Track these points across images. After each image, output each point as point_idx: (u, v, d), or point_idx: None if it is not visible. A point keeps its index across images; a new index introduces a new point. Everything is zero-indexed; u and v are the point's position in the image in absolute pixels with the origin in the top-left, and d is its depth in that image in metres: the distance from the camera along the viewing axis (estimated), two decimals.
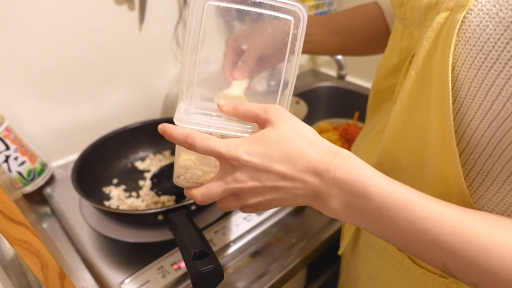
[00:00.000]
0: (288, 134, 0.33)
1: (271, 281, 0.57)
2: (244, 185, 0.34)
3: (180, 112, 0.38)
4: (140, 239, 0.61)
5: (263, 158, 0.33)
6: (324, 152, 0.32)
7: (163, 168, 0.76)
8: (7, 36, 0.68)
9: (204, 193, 0.37)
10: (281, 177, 0.33)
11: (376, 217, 0.31)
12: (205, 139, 0.35)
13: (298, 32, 0.38)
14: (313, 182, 0.32)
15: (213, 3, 0.37)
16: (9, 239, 0.34)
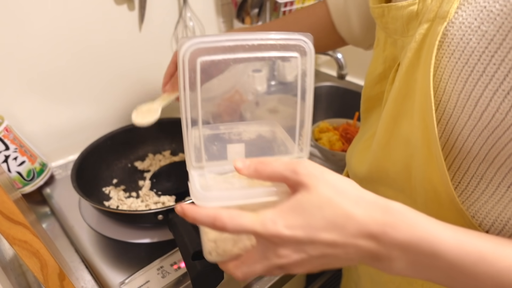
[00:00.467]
0: (328, 196, 0.29)
1: (271, 281, 0.57)
2: (289, 259, 0.30)
3: (196, 188, 0.33)
4: (140, 239, 0.60)
5: (306, 229, 0.29)
6: (373, 210, 0.28)
7: (162, 168, 0.76)
8: (7, 36, 0.68)
9: (245, 272, 0.34)
10: (330, 245, 0.29)
11: (449, 273, 0.28)
12: (235, 218, 0.30)
13: (307, 67, 0.34)
14: (369, 245, 0.29)
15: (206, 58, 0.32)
16: (8, 239, 0.34)
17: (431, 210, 0.36)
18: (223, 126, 0.38)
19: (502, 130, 0.29)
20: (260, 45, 0.33)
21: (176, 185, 0.72)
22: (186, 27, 0.92)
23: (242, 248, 0.35)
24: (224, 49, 0.32)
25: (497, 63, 0.28)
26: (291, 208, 0.29)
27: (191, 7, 0.90)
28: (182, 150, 0.82)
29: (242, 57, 0.33)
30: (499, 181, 0.32)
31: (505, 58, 0.27)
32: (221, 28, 1.01)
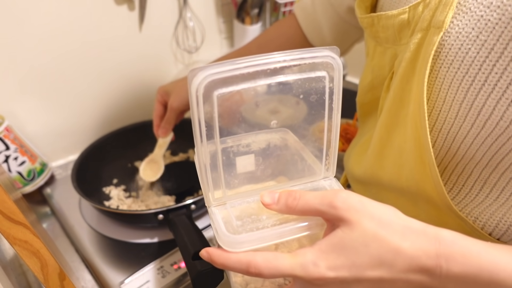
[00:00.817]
0: (372, 231, 0.27)
1: None
2: None
3: (223, 231, 0.30)
4: (140, 239, 0.61)
5: (351, 269, 0.27)
6: (423, 241, 0.26)
7: None
8: (7, 37, 0.68)
9: None
10: (378, 281, 0.27)
11: None
12: (272, 263, 0.28)
13: (334, 84, 0.31)
14: (421, 279, 0.27)
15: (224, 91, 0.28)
16: (9, 239, 0.34)
17: (433, 213, 0.36)
18: (230, 140, 0.34)
19: (506, 137, 0.29)
20: (284, 67, 0.29)
21: (176, 185, 0.72)
22: (186, 27, 0.92)
23: (273, 282, 0.33)
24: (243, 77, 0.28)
25: (499, 72, 0.27)
26: (333, 247, 0.27)
27: (191, 7, 0.90)
28: (182, 150, 0.82)
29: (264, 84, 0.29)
30: (503, 185, 0.32)
31: (507, 67, 0.27)
32: (221, 29, 1.01)
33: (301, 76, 0.30)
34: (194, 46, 0.95)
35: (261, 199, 0.31)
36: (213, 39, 1.02)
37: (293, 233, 0.30)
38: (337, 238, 0.27)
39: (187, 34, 0.93)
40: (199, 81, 0.27)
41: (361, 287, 0.28)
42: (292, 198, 0.30)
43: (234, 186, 0.35)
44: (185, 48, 0.95)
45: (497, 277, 0.25)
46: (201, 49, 0.97)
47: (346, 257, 0.27)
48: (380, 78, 0.42)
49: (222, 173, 0.32)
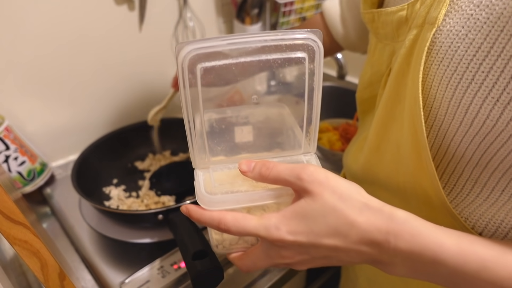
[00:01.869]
0: (331, 203, 0.29)
1: (271, 281, 0.57)
2: (292, 260, 0.32)
3: (201, 191, 0.34)
4: (140, 239, 0.61)
5: (309, 235, 0.30)
6: (378, 218, 0.29)
7: (162, 168, 0.76)
8: (7, 36, 0.68)
9: (248, 265, 0.35)
10: (333, 249, 0.30)
11: (451, 279, 0.29)
12: (239, 222, 0.31)
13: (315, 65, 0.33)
14: (371, 252, 0.29)
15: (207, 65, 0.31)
16: (9, 239, 0.34)
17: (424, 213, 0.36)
18: (230, 110, 0.38)
19: (493, 136, 0.29)
20: (264, 47, 0.31)
21: (176, 185, 0.72)
22: (186, 27, 0.92)
23: (247, 241, 0.37)
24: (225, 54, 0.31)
25: (485, 71, 0.28)
26: (295, 214, 0.30)
27: (191, 7, 0.90)
28: (182, 150, 0.82)
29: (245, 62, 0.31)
30: (493, 185, 0.32)
31: (493, 66, 0.27)
32: (221, 29, 1.01)
33: (281, 55, 0.32)
34: None
35: (239, 166, 0.34)
36: None
37: (262, 199, 0.33)
38: (300, 207, 0.30)
39: (187, 34, 0.93)
40: (185, 54, 0.30)
41: (317, 253, 0.30)
42: (265, 168, 0.32)
43: (224, 153, 0.38)
44: None
45: (440, 257, 0.27)
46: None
47: (305, 225, 0.30)
48: (378, 75, 0.43)
49: (205, 141, 0.36)
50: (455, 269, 0.28)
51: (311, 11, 1.11)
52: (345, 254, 0.30)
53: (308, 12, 1.10)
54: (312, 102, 0.35)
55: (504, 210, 0.32)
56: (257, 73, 0.34)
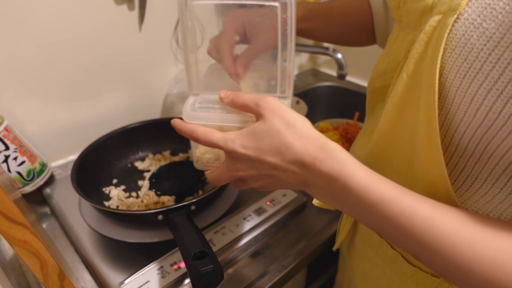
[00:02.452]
0: (277, 127, 0.35)
1: (271, 281, 0.57)
2: (245, 173, 0.38)
3: (186, 108, 0.42)
4: (140, 239, 0.60)
5: (255, 151, 0.36)
6: (311, 145, 0.34)
7: (162, 168, 0.76)
8: (6, 36, 0.68)
9: (214, 177, 0.42)
10: (273, 167, 0.36)
11: (356, 208, 0.33)
12: (207, 134, 0.39)
13: (287, 15, 0.38)
14: (301, 173, 0.35)
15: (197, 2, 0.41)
16: (8, 239, 0.34)
17: None
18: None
19: (495, 130, 0.29)
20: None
21: (175, 185, 0.72)
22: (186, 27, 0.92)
23: (220, 162, 0.44)
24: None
25: (493, 61, 0.28)
26: (249, 132, 0.37)
27: None
28: (182, 150, 0.82)
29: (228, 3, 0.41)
30: (493, 181, 0.32)
31: (501, 57, 0.27)
32: (221, 28, 1.01)
33: (254, 2, 0.40)
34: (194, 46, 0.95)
35: (219, 94, 0.42)
36: None
37: (230, 121, 0.41)
38: (254, 127, 0.37)
39: None
40: None
41: (263, 169, 0.36)
42: (236, 95, 0.40)
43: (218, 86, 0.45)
44: None
45: (348, 184, 0.32)
46: (201, 48, 0.97)
47: (255, 141, 0.36)
48: (394, 64, 0.43)
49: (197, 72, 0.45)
50: (359, 199, 0.32)
51: None
52: (283, 173, 0.36)
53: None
54: (286, 51, 0.41)
55: (502, 207, 0.32)
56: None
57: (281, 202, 0.68)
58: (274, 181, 0.38)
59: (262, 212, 0.66)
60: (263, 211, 0.66)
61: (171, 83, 0.93)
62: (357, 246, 0.53)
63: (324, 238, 0.64)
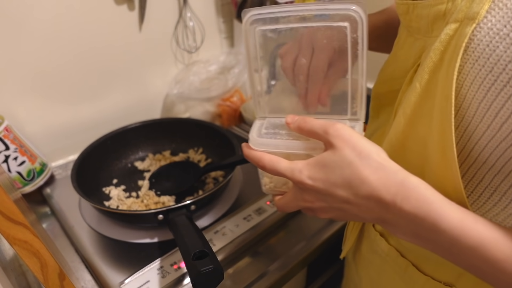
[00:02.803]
0: (349, 158, 0.32)
1: (271, 281, 0.57)
2: (313, 204, 0.37)
3: (253, 133, 0.42)
4: (140, 239, 0.60)
5: (325, 183, 0.34)
6: (389, 179, 0.31)
7: (161, 168, 0.76)
8: (6, 36, 0.68)
9: (281, 204, 0.41)
10: (345, 201, 0.33)
11: (449, 250, 0.30)
12: (273, 162, 0.38)
13: (358, 35, 0.37)
14: (378, 210, 0.32)
15: (262, 28, 0.39)
16: (8, 239, 0.34)
17: None
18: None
19: None
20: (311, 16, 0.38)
21: (175, 185, 0.72)
22: (186, 27, 0.92)
23: (288, 188, 0.42)
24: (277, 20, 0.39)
25: None
26: (317, 163, 0.34)
27: (191, 7, 0.90)
28: (182, 150, 0.82)
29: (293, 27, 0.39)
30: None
31: None
32: (221, 28, 1.01)
33: (325, 24, 0.38)
34: (194, 46, 0.95)
35: (285, 118, 0.40)
36: (213, 39, 1.02)
37: (297, 149, 0.39)
38: (323, 157, 0.34)
39: (187, 34, 0.93)
40: (246, 19, 0.38)
41: (333, 201, 0.34)
42: (303, 121, 0.38)
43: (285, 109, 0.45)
44: (185, 48, 0.94)
45: (440, 226, 0.29)
46: (201, 48, 0.97)
47: (324, 173, 0.34)
48: (403, 70, 0.41)
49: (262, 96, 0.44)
50: (454, 241, 0.29)
51: None
52: (356, 208, 0.33)
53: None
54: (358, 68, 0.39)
55: None
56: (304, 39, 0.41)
57: None
58: (345, 214, 0.35)
59: (262, 212, 0.66)
60: (263, 211, 0.66)
61: (171, 83, 0.93)
62: (364, 254, 0.52)
63: (324, 238, 0.64)
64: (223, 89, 0.90)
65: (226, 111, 0.92)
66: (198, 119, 0.83)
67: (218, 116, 0.93)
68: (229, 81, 0.90)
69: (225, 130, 0.76)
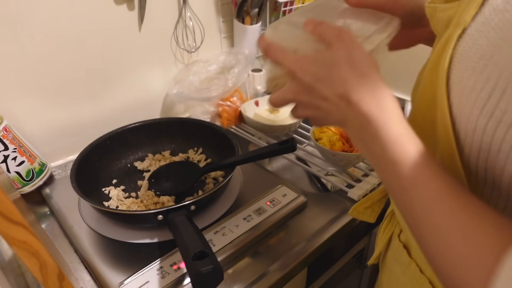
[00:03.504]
0: (340, 60, 0.34)
1: (271, 281, 0.57)
2: (297, 97, 0.38)
3: (271, 26, 0.44)
4: (139, 240, 0.60)
5: (312, 77, 0.35)
6: (365, 85, 0.33)
7: (161, 168, 0.76)
8: (6, 36, 0.68)
9: (274, 97, 0.42)
10: (323, 98, 0.35)
11: (378, 161, 0.33)
12: (278, 51, 0.39)
13: None
14: (344, 109, 0.34)
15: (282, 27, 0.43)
16: (7, 240, 0.34)
17: None
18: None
19: (494, 154, 0.28)
20: None
21: (175, 185, 0.72)
22: (186, 27, 0.92)
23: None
24: None
25: (483, 81, 0.27)
26: (313, 58, 0.36)
27: (191, 7, 0.89)
28: (182, 150, 0.82)
29: None
30: None
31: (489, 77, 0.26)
32: (221, 28, 1.01)
33: None
34: (194, 45, 0.95)
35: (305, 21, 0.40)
36: (213, 39, 1.01)
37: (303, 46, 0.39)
38: (319, 54, 0.36)
39: (186, 34, 0.93)
40: None
41: (312, 96, 0.36)
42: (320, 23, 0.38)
43: None
44: (185, 48, 0.94)
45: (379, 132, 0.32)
46: (201, 48, 0.97)
47: (314, 68, 0.36)
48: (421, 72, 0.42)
49: None
50: (383, 152, 0.32)
51: None
52: (330, 107, 0.35)
53: None
54: None
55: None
56: None
57: (281, 202, 0.68)
58: (319, 114, 0.38)
59: (262, 212, 0.66)
60: (263, 211, 0.66)
61: (170, 83, 0.93)
62: (388, 262, 0.52)
63: (324, 238, 0.64)
64: (223, 89, 0.90)
65: (226, 111, 0.92)
66: (198, 119, 0.83)
67: (218, 116, 0.93)
68: (229, 81, 0.90)
69: (225, 130, 0.76)
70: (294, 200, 0.69)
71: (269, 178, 0.78)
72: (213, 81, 0.92)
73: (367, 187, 0.73)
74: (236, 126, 0.96)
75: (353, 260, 0.86)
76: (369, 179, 0.75)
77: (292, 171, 1.07)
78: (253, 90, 1.01)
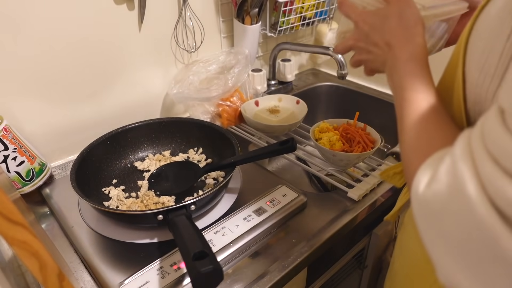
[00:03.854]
0: (393, 14, 0.43)
1: (271, 281, 0.57)
2: (356, 43, 0.48)
3: None
4: (139, 240, 0.60)
5: (369, 26, 0.45)
6: (406, 35, 0.42)
7: (161, 168, 0.76)
8: (6, 36, 0.68)
9: (338, 44, 0.51)
10: (375, 44, 0.45)
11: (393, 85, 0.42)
12: (349, 6, 0.47)
13: None
14: (387, 52, 0.43)
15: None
16: (7, 240, 0.34)
17: None
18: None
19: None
20: None
21: (175, 185, 0.72)
22: (186, 27, 0.92)
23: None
24: None
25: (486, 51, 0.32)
26: (374, 12, 0.45)
27: (191, 6, 0.89)
28: (182, 150, 0.82)
29: None
30: None
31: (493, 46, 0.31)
32: (221, 28, 1.01)
33: None
34: (194, 45, 0.95)
35: None
36: (213, 39, 1.01)
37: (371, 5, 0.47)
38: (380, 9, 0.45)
39: (186, 34, 0.93)
40: None
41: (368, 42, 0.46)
42: None
43: None
44: (185, 48, 0.94)
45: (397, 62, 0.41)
46: (201, 48, 0.97)
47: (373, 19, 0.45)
48: None
49: None
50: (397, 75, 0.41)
51: (311, 11, 1.11)
52: (379, 51, 0.45)
53: (308, 12, 1.10)
54: None
55: None
56: None
57: (281, 202, 0.68)
58: (370, 57, 0.47)
59: (262, 212, 0.66)
60: (263, 211, 0.66)
61: (170, 83, 0.93)
62: (405, 220, 0.57)
63: (324, 238, 0.64)
64: (223, 89, 0.90)
65: (226, 111, 0.92)
66: (198, 119, 0.83)
67: (218, 116, 0.93)
68: (229, 81, 0.90)
69: (225, 130, 0.76)
70: (294, 200, 0.69)
71: (269, 178, 0.78)
72: (213, 81, 0.92)
73: (367, 187, 0.73)
74: (236, 126, 0.96)
75: (353, 260, 0.86)
76: (369, 179, 0.75)
77: (292, 171, 1.07)
78: (253, 90, 1.01)
